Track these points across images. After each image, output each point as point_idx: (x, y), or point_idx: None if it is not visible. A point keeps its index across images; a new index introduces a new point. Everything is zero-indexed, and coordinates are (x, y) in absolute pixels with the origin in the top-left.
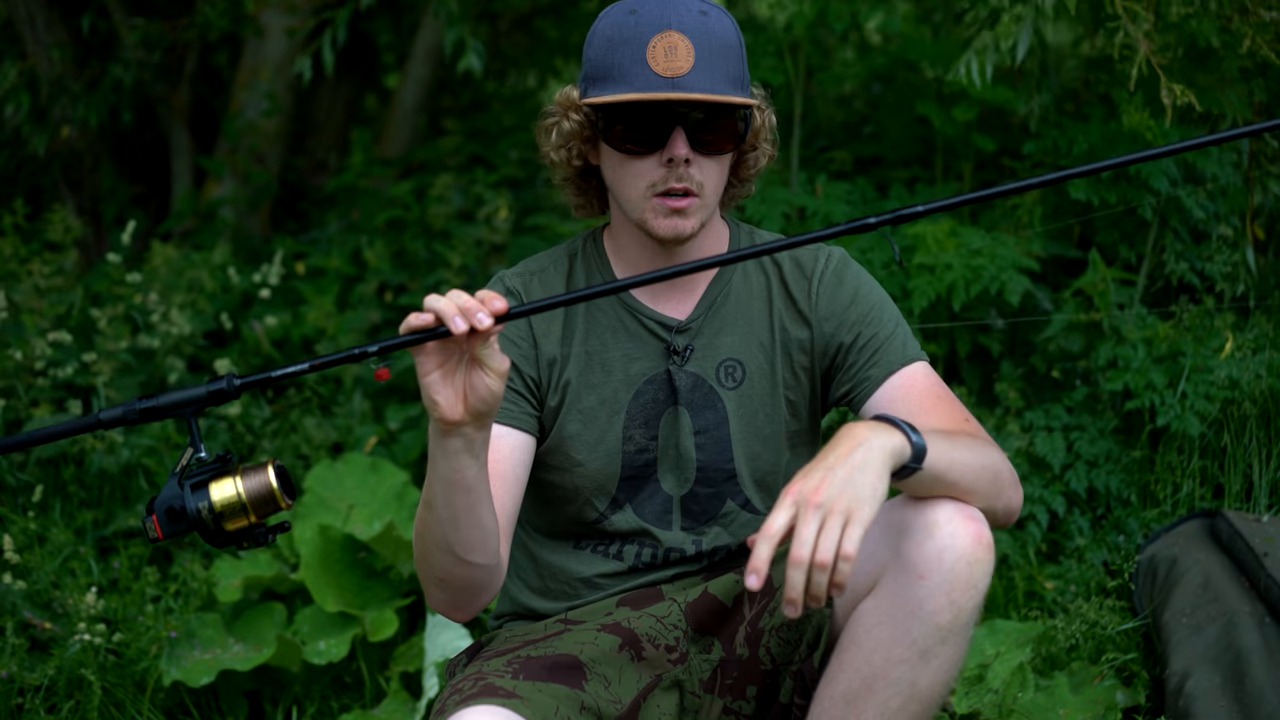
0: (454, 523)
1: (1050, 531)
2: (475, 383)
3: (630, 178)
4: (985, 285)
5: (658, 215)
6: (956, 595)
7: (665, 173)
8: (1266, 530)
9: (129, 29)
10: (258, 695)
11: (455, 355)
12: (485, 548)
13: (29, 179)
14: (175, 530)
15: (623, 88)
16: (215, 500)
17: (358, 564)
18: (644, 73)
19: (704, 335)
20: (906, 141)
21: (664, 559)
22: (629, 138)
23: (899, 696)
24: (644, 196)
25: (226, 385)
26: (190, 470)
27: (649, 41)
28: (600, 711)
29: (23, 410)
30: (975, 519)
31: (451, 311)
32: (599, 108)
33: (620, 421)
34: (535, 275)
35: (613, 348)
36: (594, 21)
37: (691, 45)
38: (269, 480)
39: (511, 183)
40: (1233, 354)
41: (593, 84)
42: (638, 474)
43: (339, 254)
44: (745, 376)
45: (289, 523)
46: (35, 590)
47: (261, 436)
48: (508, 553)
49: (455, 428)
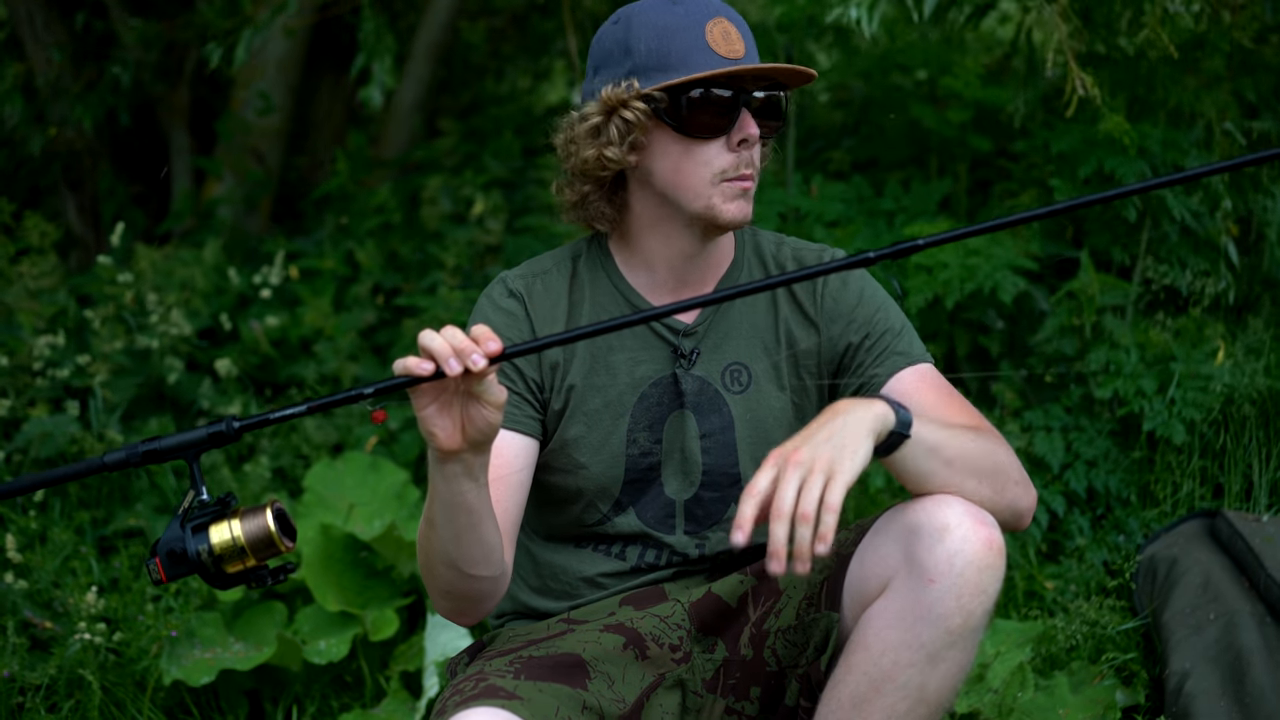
0: (456, 541)
1: (1050, 531)
2: (473, 415)
3: (695, 165)
4: (979, 284)
5: (727, 199)
6: (966, 600)
7: (735, 158)
8: (1266, 530)
9: (127, 29)
10: (258, 695)
11: (451, 389)
12: (489, 561)
13: (27, 179)
14: (177, 572)
15: (693, 71)
16: (214, 543)
17: (358, 563)
18: (709, 56)
19: (710, 339)
20: (901, 142)
21: (667, 561)
22: (700, 121)
23: (907, 700)
24: (711, 183)
25: (226, 428)
26: (192, 513)
27: (705, 27)
28: (603, 711)
29: (20, 410)
30: (987, 523)
31: (446, 353)
32: (664, 94)
33: (625, 424)
34: (539, 277)
35: (619, 350)
36: (618, 20)
37: (739, 30)
38: (267, 524)
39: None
40: (1224, 362)
41: (650, 74)
42: (641, 477)
43: (333, 255)
44: (751, 381)
45: (294, 564)
46: (36, 590)
47: (262, 436)
48: (513, 559)
49: (454, 456)
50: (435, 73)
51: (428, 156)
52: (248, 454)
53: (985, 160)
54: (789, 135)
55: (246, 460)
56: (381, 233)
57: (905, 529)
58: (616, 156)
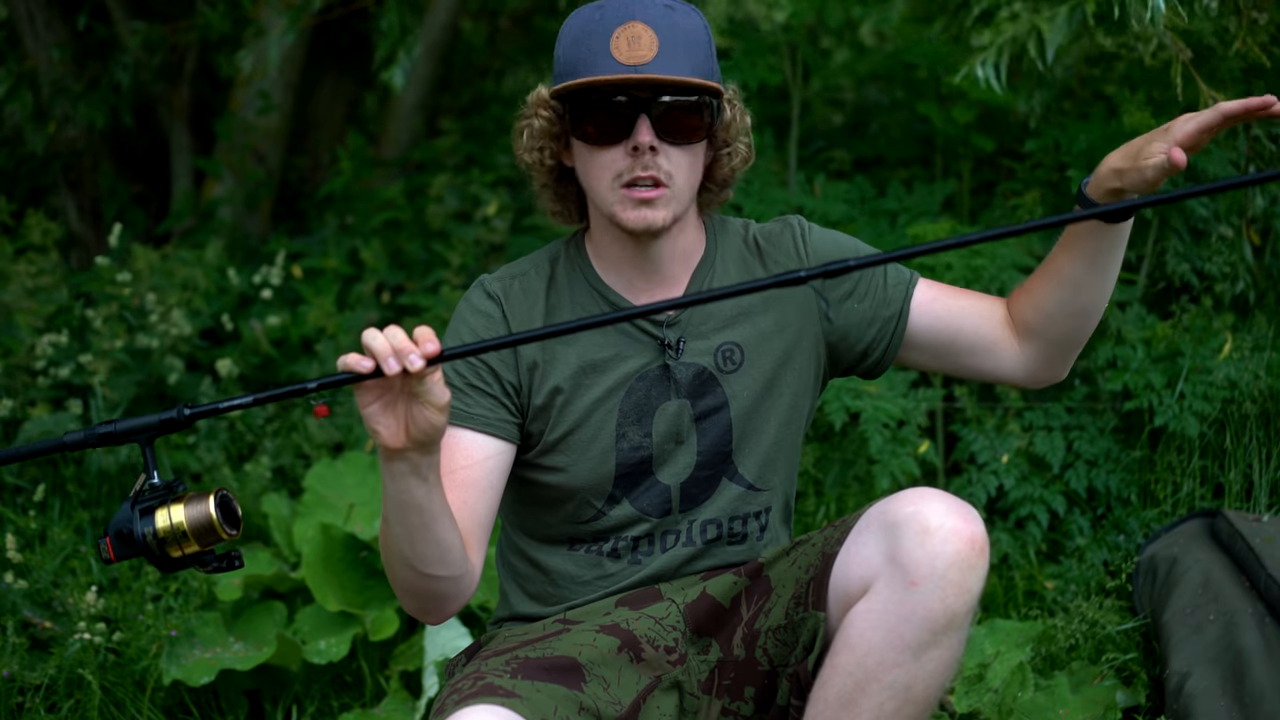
0: (409, 540)
1: (1050, 531)
2: (415, 415)
3: (598, 169)
4: (984, 286)
5: (625, 207)
6: (950, 600)
7: (631, 162)
8: (1266, 530)
9: (130, 32)
10: (258, 694)
11: (395, 388)
12: (445, 561)
13: (29, 178)
14: (126, 553)
15: (586, 77)
16: (159, 527)
17: (358, 563)
18: (608, 62)
19: (693, 324)
20: (905, 141)
21: (661, 545)
22: (594, 127)
23: (894, 699)
24: (611, 188)
25: (177, 415)
26: (143, 495)
27: (613, 32)
28: (599, 712)
29: (20, 410)
30: (970, 519)
31: (385, 353)
32: (566, 101)
33: (613, 420)
34: (516, 279)
35: (603, 348)
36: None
37: (655, 35)
38: (209, 511)
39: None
40: (1231, 355)
41: (560, 79)
42: (633, 470)
43: (336, 254)
44: (744, 357)
45: (239, 555)
46: (35, 589)
47: (263, 436)
48: (480, 560)
49: (398, 454)
50: (436, 72)
51: (429, 156)
52: (249, 453)
53: (989, 160)
54: (791, 134)
55: (247, 460)
56: (386, 231)
57: (887, 528)
58: (531, 160)
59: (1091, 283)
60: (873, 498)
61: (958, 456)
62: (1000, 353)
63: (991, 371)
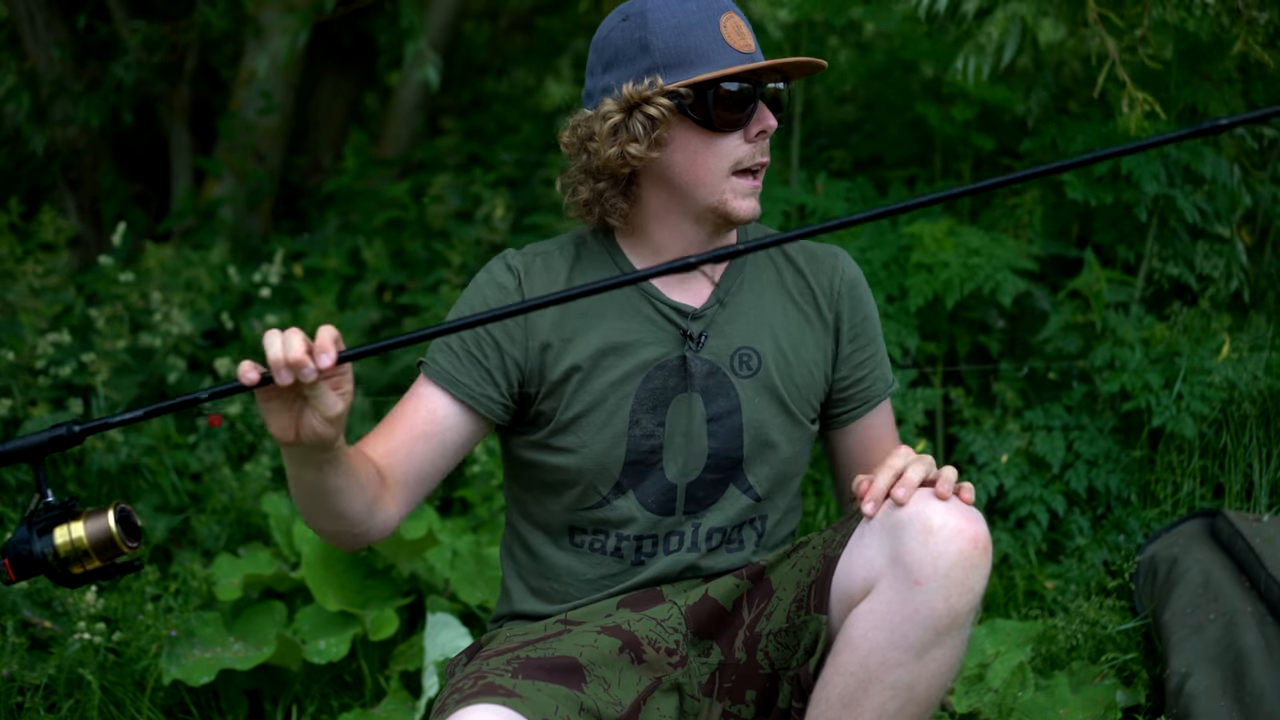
0: (303, 503)
1: (1050, 531)
2: (304, 420)
3: (713, 158)
4: (979, 284)
5: (738, 196)
6: (954, 600)
7: (752, 149)
8: (1266, 530)
9: (130, 31)
10: (257, 694)
11: (288, 393)
12: (346, 520)
13: (29, 178)
14: (26, 573)
15: (713, 66)
16: (58, 544)
17: (358, 563)
18: (727, 51)
19: (718, 323)
20: (905, 140)
21: (664, 548)
22: (726, 113)
23: (896, 699)
24: (725, 176)
25: (66, 431)
26: (39, 515)
27: (719, 22)
28: (600, 713)
29: (21, 410)
30: (973, 519)
31: (279, 364)
32: (690, 90)
33: (628, 405)
34: (539, 256)
35: (626, 333)
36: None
37: (746, 24)
38: (108, 525)
39: (510, 182)
40: (1229, 355)
41: (671, 70)
42: (642, 459)
43: (337, 254)
44: (760, 365)
45: (140, 562)
46: (35, 589)
47: (263, 436)
48: (401, 509)
49: (290, 445)
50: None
51: (430, 155)
52: (249, 453)
53: (989, 160)
54: (794, 133)
55: (247, 460)
56: (388, 230)
57: (890, 528)
58: (639, 153)
59: None
60: None
61: (957, 457)
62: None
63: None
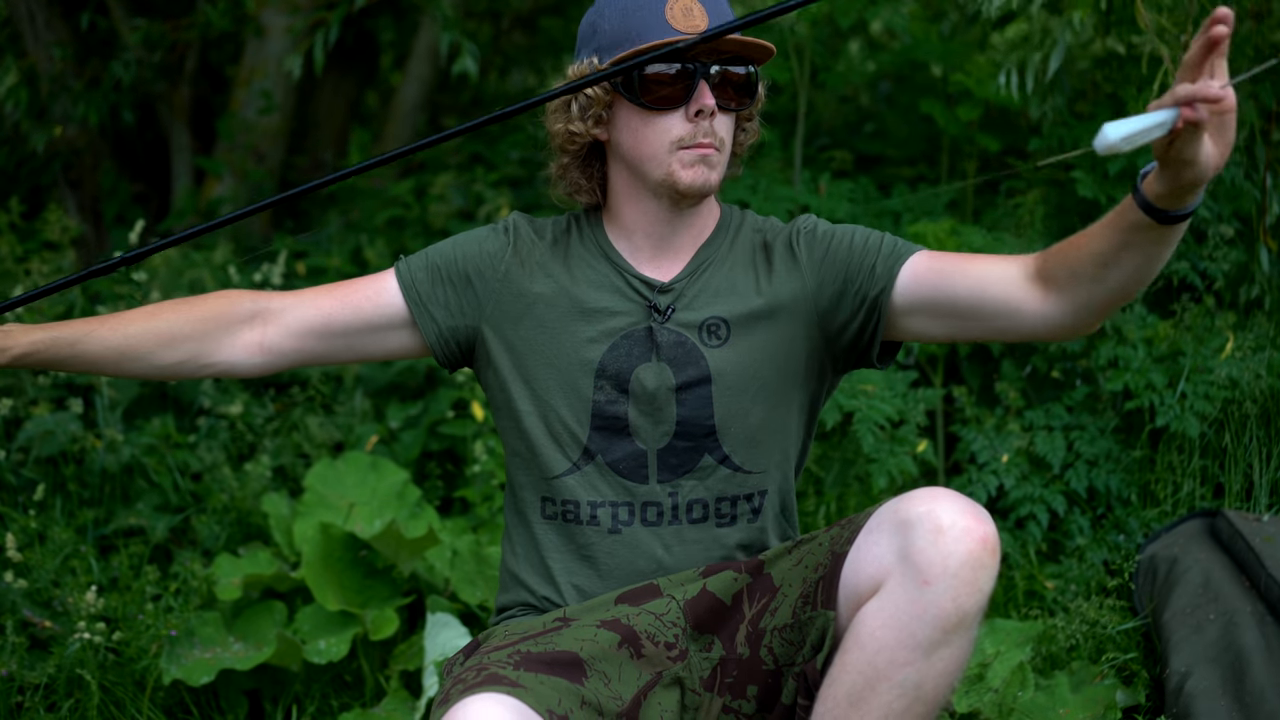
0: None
1: (1050, 531)
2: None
3: (655, 135)
4: None
5: (684, 165)
6: (962, 599)
7: (693, 128)
8: (1266, 530)
9: (130, 29)
10: (258, 694)
11: None
12: (157, 372)
13: (29, 177)
14: None
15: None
16: None
17: (358, 562)
18: (666, 31)
19: (687, 296)
20: (911, 140)
21: (641, 518)
22: (658, 90)
23: (904, 698)
24: (669, 151)
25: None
26: None
27: (666, 2)
28: (601, 707)
29: (22, 410)
30: (982, 519)
31: None
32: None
33: (593, 370)
34: (533, 224)
35: (597, 299)
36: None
37: (703, 7)
38: None
39: (512, 181)
40: (1233, 354)
41: (610, 51)
42: (608, 425)
43: (339, 253)
44: (730, 335)
45: None
46: (35, 589)
47: (263, 435)
48: (273, 354)
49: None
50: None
51: (431, 155)
52: (249, 453)
53: (994, 160)
54: (796, 132)
55: (247, 459)
56: (390, 229)
57: (899, 527)
58: (580, 130)
59: (1137, 269)
60: (872, 497)
61: (958, 456)
62: (1018, 313)
63: (1012, 331)
